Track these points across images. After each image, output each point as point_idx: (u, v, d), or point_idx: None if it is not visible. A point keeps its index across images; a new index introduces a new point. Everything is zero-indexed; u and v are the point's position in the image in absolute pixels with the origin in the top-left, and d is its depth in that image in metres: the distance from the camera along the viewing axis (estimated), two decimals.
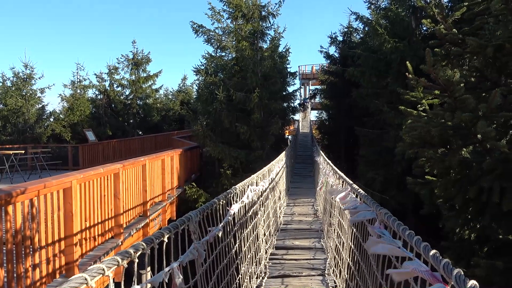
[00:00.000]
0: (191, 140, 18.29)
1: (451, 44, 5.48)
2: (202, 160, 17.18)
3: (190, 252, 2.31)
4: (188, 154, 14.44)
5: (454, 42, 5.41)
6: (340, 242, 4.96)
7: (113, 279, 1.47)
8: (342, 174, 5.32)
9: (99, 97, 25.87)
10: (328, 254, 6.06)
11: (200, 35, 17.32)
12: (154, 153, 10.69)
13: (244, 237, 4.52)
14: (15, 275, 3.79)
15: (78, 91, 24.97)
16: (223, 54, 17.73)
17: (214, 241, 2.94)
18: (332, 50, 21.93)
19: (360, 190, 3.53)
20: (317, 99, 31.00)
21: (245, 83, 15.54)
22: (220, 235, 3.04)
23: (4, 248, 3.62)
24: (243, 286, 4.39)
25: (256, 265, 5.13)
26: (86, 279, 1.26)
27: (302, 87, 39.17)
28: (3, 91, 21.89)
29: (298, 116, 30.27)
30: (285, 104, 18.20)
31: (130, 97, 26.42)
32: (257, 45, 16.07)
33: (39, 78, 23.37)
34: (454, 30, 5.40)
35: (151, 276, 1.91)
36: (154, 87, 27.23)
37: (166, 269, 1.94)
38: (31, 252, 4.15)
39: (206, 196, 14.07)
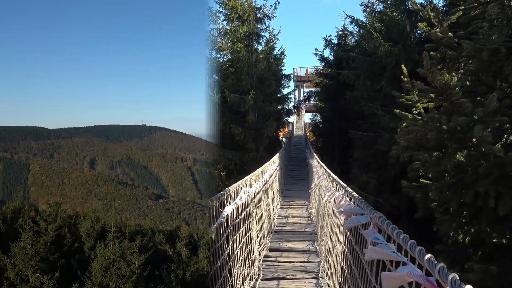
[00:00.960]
0: None
1: (447, 48, 5.47)
2: None
3: None
4: None
5: (450, 46, 5.41)
6: (333, 245, 4.94)
7: None
8: (336, 177, 5.29)
9: None
10: (322, 257, 6.03)
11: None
12: None
13: (237, 239, 4.48)
14: None
15: None
16: (218, 55, 17.72)
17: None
18: (327, 53, 21.91)
19: (354, 193, 3.50)
20: (312, 102, 30.99)
21: (240, 84, 15.52)
22: (213, 237, 3.01)
23: None
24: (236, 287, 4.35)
25: (249, 267, 5.09)
26: None
27: (297, 89, 39.13)
28: None
29: (292, 119, 30.18)
30: (279, 106, 18.21)
31: None
32: (252, 47, 16.05)
33: None
34: (449, 33, 5.40)
35: None
36: None
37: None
38: None
39: None
